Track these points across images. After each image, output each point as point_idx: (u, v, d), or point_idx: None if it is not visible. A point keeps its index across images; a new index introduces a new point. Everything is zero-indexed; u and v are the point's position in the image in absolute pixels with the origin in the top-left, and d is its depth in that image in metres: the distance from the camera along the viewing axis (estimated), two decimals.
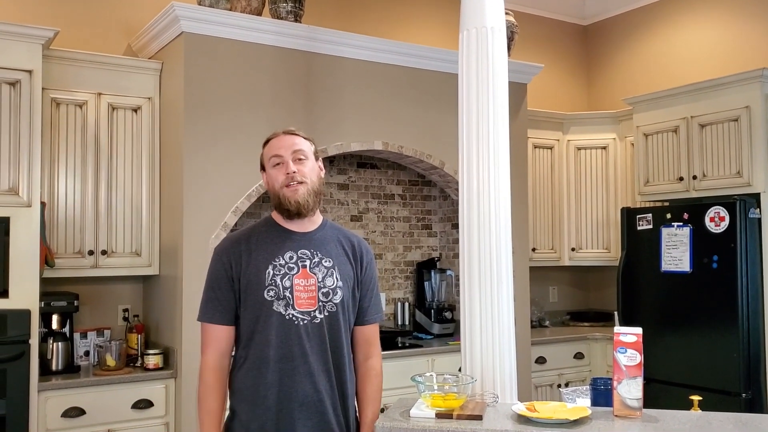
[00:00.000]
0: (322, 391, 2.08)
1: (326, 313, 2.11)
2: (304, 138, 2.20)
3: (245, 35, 3.81)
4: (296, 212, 2.12)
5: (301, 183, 2.11)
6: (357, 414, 2.24)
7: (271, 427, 2.05)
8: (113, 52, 4.11)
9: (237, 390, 2.11)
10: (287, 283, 2.08)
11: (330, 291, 2.12)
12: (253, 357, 2.08)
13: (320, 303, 2.10)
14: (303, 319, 2.07)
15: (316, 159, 2.21)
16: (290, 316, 2.07)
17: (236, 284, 2.10)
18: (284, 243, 2.14)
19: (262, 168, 2.21)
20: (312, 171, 2.16)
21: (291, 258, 2.11)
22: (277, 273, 2.08)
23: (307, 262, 2.12)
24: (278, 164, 2.14)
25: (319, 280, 2.11)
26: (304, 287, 2.09)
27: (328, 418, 2.09)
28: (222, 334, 2.11)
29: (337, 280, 2.14)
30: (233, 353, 2.15)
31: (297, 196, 2.11)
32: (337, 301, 2.13)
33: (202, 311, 2.13)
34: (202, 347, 2.13)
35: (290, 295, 2.07)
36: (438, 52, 4.45)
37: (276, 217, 2.20)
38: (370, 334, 2.26)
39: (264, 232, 2.17)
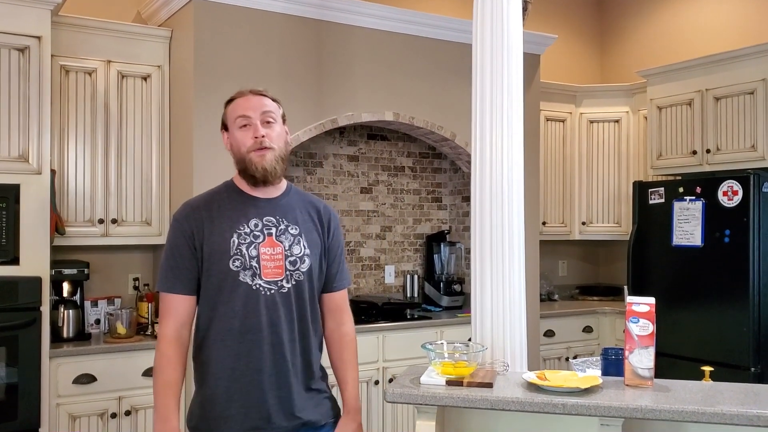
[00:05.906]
0: (289, 361, 2.00)
1: (293, 282, 2.02)
2: (272, 99, 2.10)
3: (256, 2, 3.77)
4: (262, 179, 2.03)
5: (269, 149, 2.01)
6: (321, 379, 2.13)
7: (239, 399, 1.97)
8: (122, 19, 4.07)
9: (202, 363, 2.03)
10: (253, 253, 1.99)
11: (297, 259, 2.03)
12: (218, 328, 1.99)
13: (287, 272, 2.01)
14: (270, 289, 1.99)
15: (284, 122, 2.10)
16: (257, 286, 1.98)
17: (198, 252, 1.99)
18: (248, 210, 2.04)
19: (224, 128, 2.11)
20: (279, 136, 2.06)
21: (256, 226, 2.02)
22: (243, 242, 1.99)
23: (273, 230, 2.03)
24: (245, 126, 2.03)
25: (286, 248, 2.02)
26: (270, 256, 2.00)
27: (297, 388, 2.02)
28: (182, 304, 2.01)
29: (305, 248, 2.05)
30: (193, 324, 2.06)
31: (264, 162, 2.01)
32: (305, 269, 2.04)
33: (162, 280, 2.02)
34: (161, 317, 2.02)
35: (257, 265, 1.98)
36: (451, 21, 4.39)
37: (238, 182, 2.10)
38: (340, 300, 2.19)
39: (225, 198, 2.06)
